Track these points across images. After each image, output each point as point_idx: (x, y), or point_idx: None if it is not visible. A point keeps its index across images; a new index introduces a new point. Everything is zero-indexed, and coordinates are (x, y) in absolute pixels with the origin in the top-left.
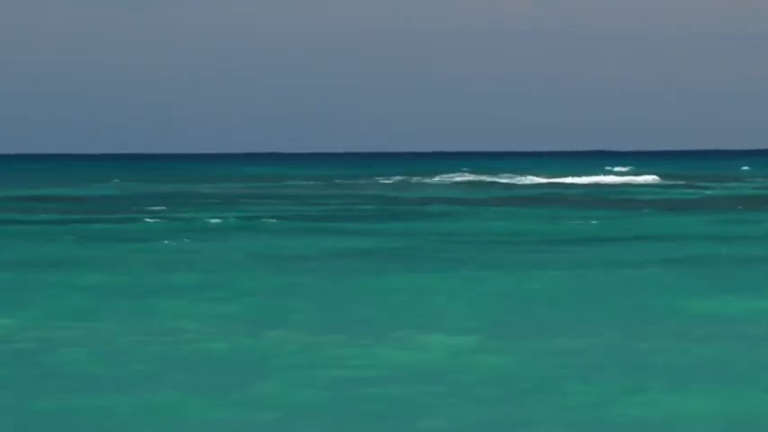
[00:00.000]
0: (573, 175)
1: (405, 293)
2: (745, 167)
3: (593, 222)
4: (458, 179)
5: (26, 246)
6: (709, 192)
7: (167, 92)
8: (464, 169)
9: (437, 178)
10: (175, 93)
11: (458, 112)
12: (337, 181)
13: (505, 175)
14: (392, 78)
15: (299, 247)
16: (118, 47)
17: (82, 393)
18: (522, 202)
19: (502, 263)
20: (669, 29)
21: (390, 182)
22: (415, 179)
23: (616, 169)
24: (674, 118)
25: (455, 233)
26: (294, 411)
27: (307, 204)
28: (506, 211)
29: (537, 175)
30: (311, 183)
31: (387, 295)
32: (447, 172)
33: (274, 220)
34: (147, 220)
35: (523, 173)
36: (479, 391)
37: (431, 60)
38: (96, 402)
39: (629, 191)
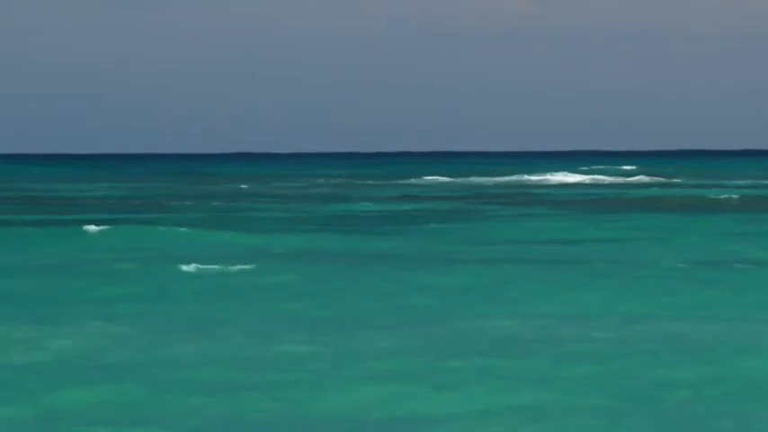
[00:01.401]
0: (574, 175)
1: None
2: (745, 168)
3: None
4: (461, 179)
5: (21, 248)
6: (708, 192)
7: (167, 92)
8: (466, 169)
9: (440, 178)
10: (175, 93)
11: (458, 112)
12: (336, 180)
13: (503, 175)
14: (392, 78)
15: (304, 246)
16: (118, 47)
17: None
18: (523, 202)
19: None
20: (669, 29)
21: (386, 182)
22: (415, 179)
23: (615, 169)
24: (674, 118)
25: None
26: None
27: (309, 204)
28: (508, 213)
29: (534, 174)
30: (313, 182)
31: (380, 292)
32: (449, 171)
33: (275, 221)
34: (148, 219)
35: (521, 173)
36: None
37: (433, 60)
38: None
39: (627, 191)
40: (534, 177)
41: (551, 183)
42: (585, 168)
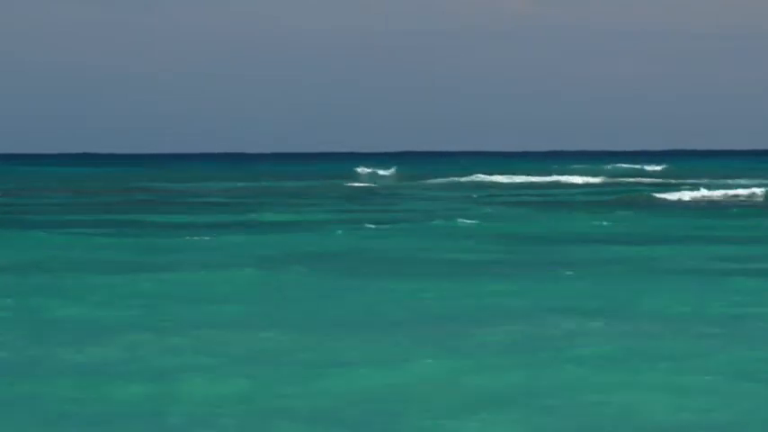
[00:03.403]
0: (574, 175)
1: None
2: (745, 168)
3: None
4: (464, 179)
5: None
6: (707, 192)
7: (167, 92)
8: (468, 169)
9: (441, 179)
10: (175, 93)
11: (458, 112)
12: (334, 181)
13: (502, 175)
14: (392, 78)
15: (306, 245)
16: (118, 47)
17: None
18: (525, 203)
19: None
20: (669, 29)
21: (386, 181)
22: (416, 180)
23: (614, 168)
24: (674, 118)
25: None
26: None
27: (311, 203)
28: (512, 213)
29: (533, 175)
30: (313, 182)
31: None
32: (453, 172)
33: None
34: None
35: (521, 172)
36: None
37: (433, 60)
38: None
39: (628, 190)
40: (535, 178)
41: (551, 182)
42: (584, 168)
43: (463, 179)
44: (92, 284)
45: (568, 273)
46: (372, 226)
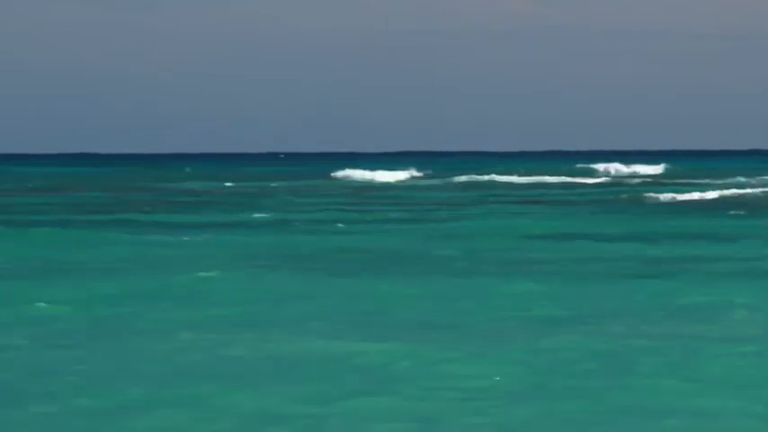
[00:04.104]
0: (575, 175)
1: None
2: (745, 167)
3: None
4: (464, 179)
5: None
6: (707, 192)
7: (167, 92)
8: (469, 169)
9: (440, 180)
10: (175, 93)
11: (458, 113)
12: (331, 180)
13: (502, 175)
14: (392, 79)
15: (309, 245)
16: (118, 47)
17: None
18: (526, 203)
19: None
20: (669, 29)
21: (386, 181)
22: (415, 180)
23: (614, 168)
24: (674, 118)
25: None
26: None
27: (311, 204)
28: (513, 211)
29: (534, 175)
30: (311, 182)
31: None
32: (453, 172)
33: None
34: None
35: (522, 172)
36: None
37: (433, 60)
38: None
39: (629, 190)
40: (535, 177)
41: (558, 183)
42: (584, 168)
43: (463, 179)
44: (91, 284)
45: (568, 272)
46: (372, 226)
